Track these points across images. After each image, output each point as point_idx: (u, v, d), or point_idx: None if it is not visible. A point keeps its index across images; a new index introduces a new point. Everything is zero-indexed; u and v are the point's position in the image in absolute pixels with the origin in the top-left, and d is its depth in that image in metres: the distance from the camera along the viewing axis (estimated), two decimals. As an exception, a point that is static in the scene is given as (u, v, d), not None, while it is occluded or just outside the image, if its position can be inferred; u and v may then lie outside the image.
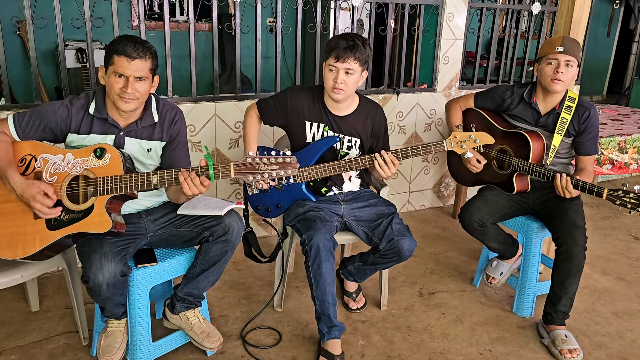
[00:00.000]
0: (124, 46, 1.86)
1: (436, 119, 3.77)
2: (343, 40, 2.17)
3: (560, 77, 2.36)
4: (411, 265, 3.09)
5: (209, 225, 2.05)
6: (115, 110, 1.96)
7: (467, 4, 3.63)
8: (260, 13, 3.02)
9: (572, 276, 2.35)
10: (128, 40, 1.88)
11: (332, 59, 2.19)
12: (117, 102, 1.90)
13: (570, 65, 2.36)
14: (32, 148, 1.91)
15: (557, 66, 2.35)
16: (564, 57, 2.34)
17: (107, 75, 1.90)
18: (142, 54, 1.88)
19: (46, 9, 2.59)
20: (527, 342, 2.43)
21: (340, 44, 2.16)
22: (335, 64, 2.18)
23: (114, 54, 1.87)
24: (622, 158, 3.43)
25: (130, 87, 1.87)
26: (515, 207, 2.58)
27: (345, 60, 2.17)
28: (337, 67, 2.19)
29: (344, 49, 2.16)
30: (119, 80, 1.87)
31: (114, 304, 1.98)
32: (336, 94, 2.24)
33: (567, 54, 2.34)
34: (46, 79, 4.69)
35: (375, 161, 2.22)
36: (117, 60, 1.87)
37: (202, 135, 3.02)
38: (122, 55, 1.86)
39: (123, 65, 1.86)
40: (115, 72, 1.87)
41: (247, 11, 3.10)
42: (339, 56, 2.17)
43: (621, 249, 3.45)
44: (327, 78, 2.23)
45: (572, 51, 2.35)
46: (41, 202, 1.78)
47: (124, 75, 1.87)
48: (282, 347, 2.34)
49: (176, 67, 2.92)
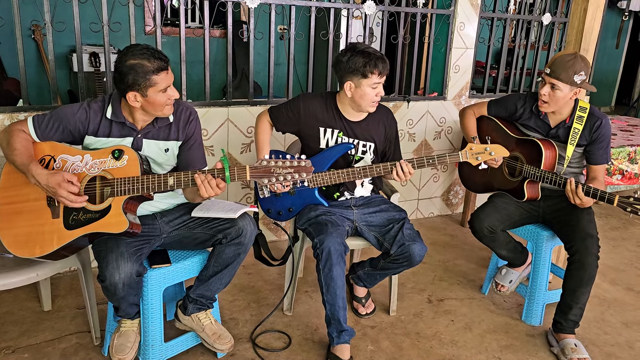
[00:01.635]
0: (154, 63, 1.84)
1: (446, 127, 3.79)
2: (374, 56, 2.22)
3: (544, 99, 2.37)
4: (420, 272, 3.10)
5: (222, 228, 2.07)
6: (139, 115, 1.99)
7: (478, 14, 3.66)
8: (274, 20, 3.06)
9: (584, 286, 2.35)
10: (148, 55, 1.84)
11: (375, 77, 2.23)
12: (165, 113, 1.95)
13: (556, 88, 2.34)
14: (51, 149, 1.94)
15: (542, 87, 2.37)
16: (548, 79, 2.34)
17: (149, 97, 1.88)
18: (163, 57, 1.89)
19: (62, 14, 2.63)
20: (536, 351, 2.43)
21: (378, 61, 2.22)
22: (380, 80, 2.26)
23: (151, 75, 1.84)
24: (632, 169, 3.43)
25: (174, 92, 1.92)
26: (525, 215, 2.59)
27: (385, 74, 2.26)
28: (381, 82, 2.27)
29: (383, 64, 2.23)
30: (165, 94, 1.90)
31: (129, 304, 2.00)
32: (375, 106, 2.34)
33: (552, 77, 2.32)
34: (59, 82, 4.73)
35: (393, 169, 2.26)
36: (159, 80, 1.86)
37: (214, 140, 3.05)
38: (161, 72, 1.86)
39: (165, 79, 1.88)
40: (162, 90, 1.88)
41: (258, 18, 3.14)
42: (382, 72, 2.24)
43: (630, 259, 3.44)
44: (368, 95, 2.28)
45: (558, 73, 2.30)
46: (67, 189, 1.79)
47: (169, 86, 1.90)
48: (292, 350, 2.35)
49: (187, 72, 2.95)
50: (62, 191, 1.80)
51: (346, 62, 2.24)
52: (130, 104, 1.91)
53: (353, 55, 2.23)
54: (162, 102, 1.91)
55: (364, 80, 2.24)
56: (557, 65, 2.31)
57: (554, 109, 2.41)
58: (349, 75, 2.26)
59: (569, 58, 2.32)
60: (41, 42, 4.56)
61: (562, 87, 2.33)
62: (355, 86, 2.27)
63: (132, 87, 1.86)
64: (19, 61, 2.57)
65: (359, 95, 2.28)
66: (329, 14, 3.20)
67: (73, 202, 1.82)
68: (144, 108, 1.94)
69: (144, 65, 1.84)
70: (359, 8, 3.28)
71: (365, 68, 2.21)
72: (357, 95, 2.28)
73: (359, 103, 2.31)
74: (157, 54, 1.87)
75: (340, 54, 2.29)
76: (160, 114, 1.96)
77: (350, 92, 2.30)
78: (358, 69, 2.22)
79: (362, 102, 2.30)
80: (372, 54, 2.23)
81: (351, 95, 2.30)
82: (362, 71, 2.22)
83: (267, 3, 3.00)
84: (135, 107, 1.93)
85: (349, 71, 2.25)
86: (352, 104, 2.35)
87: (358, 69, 2.22)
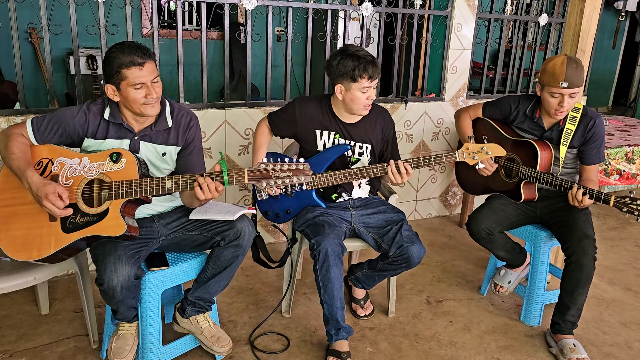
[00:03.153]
0: (129, 56, 1.85)
1: (443, 128, 3.80)
2: (364, 60, 2.20)
3: (564, 110, 2.37)
4: (418, 273, 3.10)
5: (220, 230, 2.07)
6: (131, 117, 1.99)
7: (475, 15, 3.67)
8: (271, 22, 3.06)
9: (581, 286, 2.35)
10: (128, 50, 1.86)
11: (365, 82, 2.22)
12: (143, 110, 1.92)
13: (572, 96, 2.34)
14: (49, 152, 1.94)
15: (560, 100, 2.35)
16: (567, 91, 2.32)
17: (123, 91, 1.89)
18: (146, 56, 1.88)
19: (58, 17, 2.63)
20: (535, 351, 2.44)
21: (367, 66, 2.20)
22: (370, 84, 2.25)
23: (122, 68, 1.85)
24: (630, 169, 3.44)
25: (153, 90, 1.89)
26: (522, 215, 2.60)
27: (376, 78, 2.25)
28: (371, 86, 2.25)
29: (373, 69, 2.22)
30: (140, 91, 1.89)
31: (127, 307, 1.99)
32: (367, 109, 2.33)
33: (572, 88, 2.31)
34: (56, 85, 4.73)
35: (388, 168, 2.25)
36: (129, 74, 1.86)
37: (212, 142, 3.05)
38: (131, 66, 1.85)
39: (137, 75, 1.86)
40: (133, 86, 1.87)
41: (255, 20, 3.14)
42: (372, 76, 2.23)
43: (628, 259, 3.45)
44: (359, 99, 2.27)
45: (576, 82, 2.30)
46: (52, 202, 1.79)
47: (143, 84, 1.88)
48: (291, 352, 2.35)
49: (185, 75, 2.95)
50: (47, 203, 1.79)
51: (336, 66, 2.24)
52: (110, 98, 1.93)
53: (343, 58, 2.22)
54: (137, 99, 1.89)
55: (353, 84, 2.23)
56: (571, 76, 2.28)
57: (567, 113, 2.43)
58: (339, 78, 2.26)
59: (574, 65, 2.30)
60: (38, 45, 4.55)
61: (580, 90, 2.36)
62: (345, 89, 2.27)
63: (107, 79, 1.89)
64: (16, 64, 2.56)
65: (349, 98, 2.28)
66: (326, 16, 3.20)
67: (56, 215, 1.83)
68: (124, 104, 1.94)
69: (117, 58, 1.85)
70: (356, 9, 3.28)
71: (354, 72, 2.20)
72: (348, 98, 2.29)
73: (350, 106, 2.32)
74: (136, 50, 1.86)
75: (331, 57, 2.29)
76: (138, 111, 1.93)
77: (341, 95, 2.30)
78: (347, 72, 2.21)
79: (353, 106, 2.31)
80: (363, 57, 2.21)
81: (342, 98, 2.31)
82: (351, 75, 2.21)
83: (264, 5, 3.00)
84: (121, 106, 1.95)
85: (339, 74, 2.25)
86: (344, 106, 2.35)
87: (347, 73, 2.21)
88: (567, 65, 2.29)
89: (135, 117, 1.99)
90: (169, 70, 4.15)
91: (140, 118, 1.98)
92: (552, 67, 2.33)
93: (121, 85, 1.88)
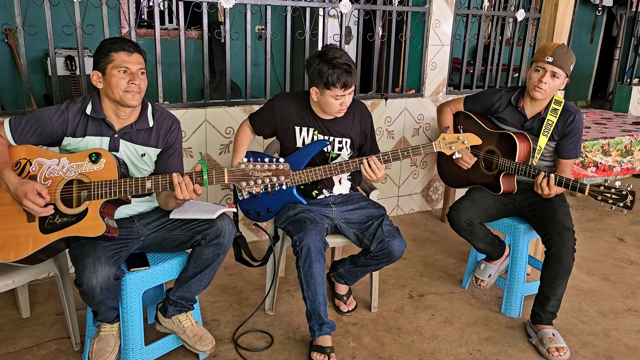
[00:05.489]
0: (119, 43, 1.91)
1: (424, 124, 3.83)
2: (339, 69, 2.19)
3: (543, 87, 2.40)
4: (401, 268, 3.13)
5: (201, 229, 2.07)
6: (112, 112, 1.98)
7: (453, 11, 3.70)
8: (250, 20, 3.06)
9: (560, 278, 2.39)
10: (120, 39, 1.94)
11: (338, 90, 2.22)
12: (123, 98, 1.91)
13: (556, 77, 2.40)
14: (27, 152, 1.92)
15: (542, 75, 2.40)
16: (551, 67, 2.38)
17: (107, 74, 1.91)
18: (137, 49, 1.94)
19: (35, 17, 2.60)
20: (515, 342, 2.47)
21: (341, 75, 2.19)
22: (344, 93, 2.25)
23: (111, 52, 1.90)
24: (606, 161, 3.50)
25: (137, 79, 1.91)
26: (502, 208, 2.63)
27: (351, 86, 2.25)
28: (345, 95, 2.27)
29: (348, 79, 2.21)
30: (123, 76, 1.90)
31: (107, 308, 1.98)
32: (342, 112, 2.34)
33: (555, 65, 2.37)
34: (34, 87, 4.67)
35: (361, 166, 2.27)
36: (117, 57, 1.89)
37: (192, 141, 3.04)
38: (120, 50, 1.90)
39: (125, 59, 1.90)
40: (118, 69, 1.89)
41: (236, 18, 3.14)
42: (346, 85, 2.23)
43: (606, 250, 3.51)
44: (332, 105, 2.28)
45: (561, 63, 2.37)
46: (33, 201, 1.78)
47: (128, 69, 1.90)
48: (274, 349, 2.36)
49: (165, 74, 2.94)
50: (27, 202, 1.78)
51: (313, 69, 2.25)
52: (95, 85, 1.95)
53: (321, 62, 2.22)
54: (119, 84, 1.90)
55: (327, 90, 2.24)
56: (558, 54, 2.37)
57: (546, 96, 2.46)
58: (315, 81, 2.26)
59: (566, 49, 2.40)
60: (15, 46, 4.49)
61: (561, 75, 2.40)
62: (320, 93, 2.28)
63: (95, 65, 1.93)
64: (-8, 66, 2.53)
65: (323, 102, 2.30)
66: (305, 13, 3.21)
67: (38, 213, 1.82)
68: (106, 93, 1.94)
69: (106, 45, 1.92)
70: (335, 7, 3.29)
71: (328, 80, 2.20)
72: (322, 102, 2.30)
73: (324, 109, 2.34)
74: (128, 42, 1.93)
75: (311, 58, 2.29)
76: (119, 98, 1.92)
77: (316, 97, 2.31)
78: (322, 78, 2.21)
79: (326, 109, 2.33)
80: (339, 66, 2.19)
81: (317, 100, 2.32)
82: (325, 82, 2.21)
83: (243, 3, 3.00)
84: (103, 96, 1.96)
85: (314, 78, 2.26)
86: (320, 107, 2.37)
87: (322, 79, 2.21)
88: (558, 46, 2.40)
89: (116, 111, 1.98)
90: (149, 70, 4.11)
91: (121, 112, 1.97)
92: (544, 45, 2.47)
93: (107, 68, 1.91)
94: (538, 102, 2.50)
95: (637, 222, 4.02)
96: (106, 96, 1.96)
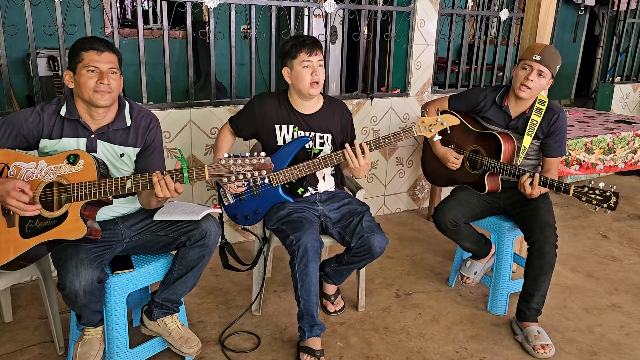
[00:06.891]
0: (90, 42, 1.89)
1: (409, 123, 3.84)
2: (301, 38, 2.31)
3: (529, 85, 2.42)
4: (387, 267, 3.13)
5: (185, 230, 2.05)
6: (86, 112, 1.95)
7: (438, 11, 3.71)
8: (234, 20, 3.04)
9: (544, 274, 2.41)
10: (92, 38, 1.92)
11: (304, 55, 2.28)
12: (92, 98, 1.89)
13: (542, 76, 2.41)
14: (4, 156, 1.88)
15: (529, 72, 2.42)
16: (538, 65, 2.39)
17: (77, 74, 1.89)
18: (108, 48, 1.91)
19: (16, 16, 2.56)
20: (501, 339, 2.49)
21: (305, 40, 2.29)
22: (310, 58, 2.28)
23: (81, 51, 1.88)
24: (589, 159, 3.53)
25: (106, 78, 1.88)
26: (487, 207, 2.65)
27: (316, 53, 2.30)
28: (312, 61, 2.29)
29: (310, 44, 2.29)
30: (92, 75, 1.88)
31: (91, 312, 1.96)
32: (315, 88, 2.33)
33: (542, 64, 2.39)
34: (16, 87, 4.62)
35: (345, 153, 2.27)
36: (86, 56, 1.87)
37: (177, 142, 3.01)
38: (90, 50, 1.88)
39: (94, 58, 1.88)
40: (87, 68, 1.87)
41: (221, 18, 3.12)
42: (311, 51, 2.28)
43: (590, 247, 3.55)
44: (302, 76, 2.30)
45: (548, 62, 2.39)
46: (17, 198, 1.75)
47: (97, 68, 1.88)
48: (261, 351, 2.35)
49: (149, 75, 2.91)
50: (12, 200, 1.75)
51: (280, 51, 2.36)
52: (67, 85, 1.93)
53: (285, 42, 2.35)
54: (88, 84, 1.87)
55: (294, 60, 2.30)
56: (546, 54, 2.39)
57: (531, 96, 2.47)
58: (283, 61, 2.35)
59: (553, 50, 2.42)
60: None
61: (547, 75, 2.42)
62: (290, 69, 2.34)
63: (68, 65, 1.91)
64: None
65: (294, 77, 2.33)
66: (290, 13, 3.20)
67: (24, 210, 1.78)
68: (77, 93, 1.92)
69: (77, 44, 1.90)
70: (320, 7, 3.28)
71: (292, 49, 2.29)
72: (294, 78, 2.34)
73: (298, 87, 2.35)
74: (100, 40, 1.91)
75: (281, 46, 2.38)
76: (88, 98, 1.89)
77: (289, 79, 2.36)
78: (288, 51, 2.31)
79: (299, 85, 2.33)
80: (300, 36, 2.33)
81: (290, 82, 2.37)
82: (290, 53, 2.30)
83: (227, 3, 2.98)
84: (76, 97, 1.94)
85: (282, 57, 2.35)
86: (296, 92, 2.38)
87: (288, 52, 2.31)
88: (546, 46, 2.41)
89: (89, 111, 1.95)
90: (133, 70, 4.09)
91: (94, 112, 1.94)
92: (532, 45, 2.48)
93: (77, 68, 1.89)
94: (522, 102, 2.52)
95: (621, 219, 4.07)
96: (78, 96, 1.94)
